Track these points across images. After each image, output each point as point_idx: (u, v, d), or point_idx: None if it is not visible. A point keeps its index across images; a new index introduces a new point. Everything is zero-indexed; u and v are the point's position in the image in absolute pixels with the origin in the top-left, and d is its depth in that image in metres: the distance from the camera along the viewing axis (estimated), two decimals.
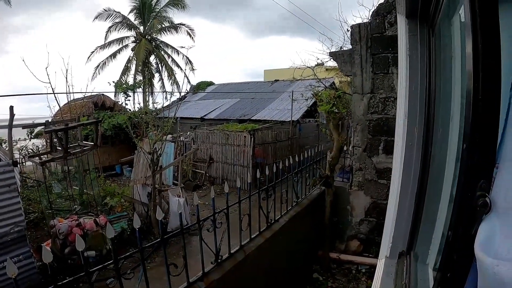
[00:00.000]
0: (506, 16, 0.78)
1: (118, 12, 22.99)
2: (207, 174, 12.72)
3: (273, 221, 4.74)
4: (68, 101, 10.47)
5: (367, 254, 6.09)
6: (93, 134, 9.14)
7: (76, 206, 7.98)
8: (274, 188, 4.58)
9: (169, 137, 8.64)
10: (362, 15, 11.00)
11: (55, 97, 8.86)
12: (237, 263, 3.71)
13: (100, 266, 2.38)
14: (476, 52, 0.82)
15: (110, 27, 23.18)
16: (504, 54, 0.78)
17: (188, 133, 13.53)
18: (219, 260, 3.52)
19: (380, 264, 2.37)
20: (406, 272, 2.09)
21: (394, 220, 2.40)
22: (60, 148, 6.84)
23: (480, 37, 0.80)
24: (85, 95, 12.14)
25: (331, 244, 6.39)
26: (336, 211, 6.39)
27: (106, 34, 23.42)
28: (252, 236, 4.21)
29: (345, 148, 6.70)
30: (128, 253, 2.49)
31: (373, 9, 5.66)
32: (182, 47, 25.71)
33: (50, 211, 7.36)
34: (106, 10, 22.60)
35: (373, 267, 5.60)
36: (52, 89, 8.53)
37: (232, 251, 3.79)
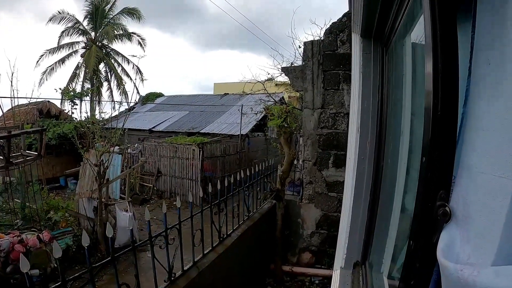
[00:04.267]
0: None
1: (72, 16, 21.92)
2: (155, 188, 12.34)
3: (225, 235, 4.69)
4: (12, 107, 9.70)
5: (320, 266, 6.20)
6: (36, 143, 8.48)
7: (18, 221, 7.34)
8: (226, 202, 4.55)
9: (116, 148, 8.30)
10: (313, 32, 11.45)
11: None
12: (191, 280, 3.61)
13: None
14: (436, 71, 0.87)
15: (63, 32, 22.04)
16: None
17: (135, 145, 13.12)
18: (172, 278, 3.41)
19: (336, 275, 2.41)
20: (362, 282, 2.15)
21: (347, 231, 2.47)
22: (1, 158, 6.29)
23: (440, 57, 0.86)
24: (30, 101, 11.31)
25: (284, 257, 6.43)
26: (287, 224, 6.46)
27: (59, 39, 22.24)
28: (205, 252, 4.13)
29: (295, 162, 6.82)
30: (77, 274, 2.31)
31: (326, 27, 5.88)
32: (133, 55, 24.93)
33: None
34: (60, 13, 21.48)
35: (326, 278, 5.72)
36: None
37: (185, 268, 3.69)
